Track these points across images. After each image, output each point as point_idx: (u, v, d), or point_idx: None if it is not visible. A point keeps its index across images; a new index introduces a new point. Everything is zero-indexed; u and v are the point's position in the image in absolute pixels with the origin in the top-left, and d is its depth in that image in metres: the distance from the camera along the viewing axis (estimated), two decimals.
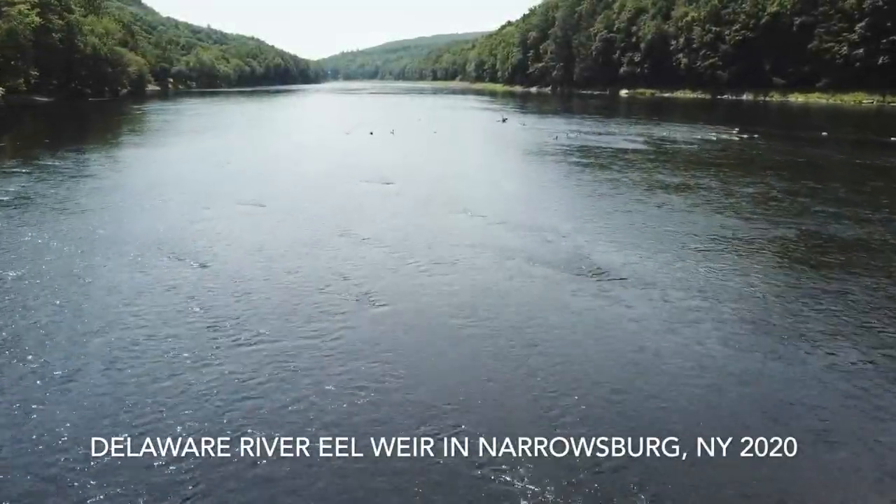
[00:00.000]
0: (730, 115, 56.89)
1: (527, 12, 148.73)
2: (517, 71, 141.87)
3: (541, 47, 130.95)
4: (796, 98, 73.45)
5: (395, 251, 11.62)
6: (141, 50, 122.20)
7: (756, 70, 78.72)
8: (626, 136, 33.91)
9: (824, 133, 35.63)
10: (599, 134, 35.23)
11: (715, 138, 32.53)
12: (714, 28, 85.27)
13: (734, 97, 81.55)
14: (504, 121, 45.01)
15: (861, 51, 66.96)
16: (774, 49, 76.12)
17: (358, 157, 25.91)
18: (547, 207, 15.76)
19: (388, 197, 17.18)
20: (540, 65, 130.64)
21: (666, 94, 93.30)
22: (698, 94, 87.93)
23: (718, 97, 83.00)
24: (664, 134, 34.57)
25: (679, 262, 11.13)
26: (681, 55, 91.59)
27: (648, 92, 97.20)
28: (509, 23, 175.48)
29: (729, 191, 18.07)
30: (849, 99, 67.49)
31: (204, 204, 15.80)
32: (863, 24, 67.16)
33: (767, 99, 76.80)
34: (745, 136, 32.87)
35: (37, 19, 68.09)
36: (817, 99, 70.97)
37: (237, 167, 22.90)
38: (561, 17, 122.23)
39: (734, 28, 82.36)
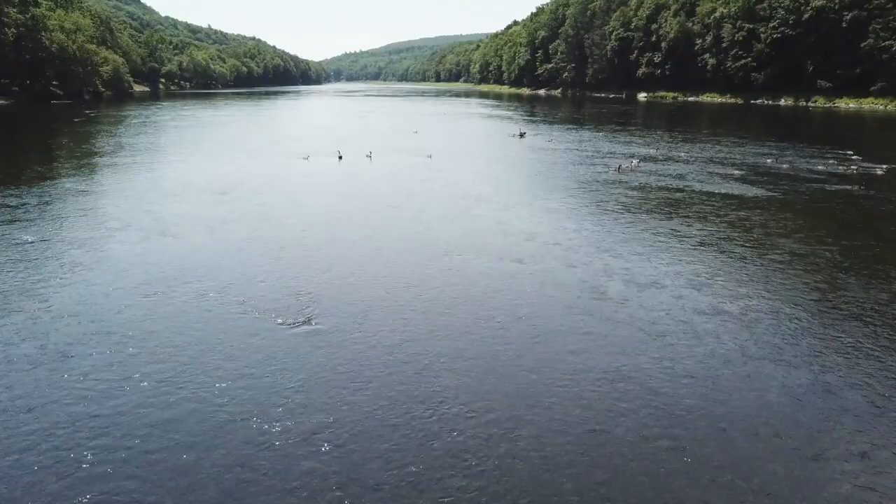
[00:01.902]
0: (796, 126, 47.95)
1: (535, 10, 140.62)
2: (525, 72, 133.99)
3: (550, 47, 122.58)
4: (847, 104, 64.49)
5: None
6: (122, 48, 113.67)
7: (796, 72, 70.24)
8: (707, 164, 24.47)
9: None
10: (661, 161, 25.75)
11: (851, 173, 22.59)
12: (747, 25, 76.62)
13: (770, 102, 73.29)
14: (522, 136, 35.78)
15: None
16: (819, 48, 67.62)
17: (289, 225, 14.92)
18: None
19: (277, 392, 7.09)
20: (549, 66, 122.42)
21: (690, 98, 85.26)
22: (727, 98, 79.67)
23: (752, 102, 74.76)
24: (762, 161, 25.25)
25: None
26: (707, 55, 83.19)
27: (670, 95, 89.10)
28: (515, 22, 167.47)
29: None
30: None
31: None
32: None
33: (811, 105, 68.00)
34: (886, 167, 23.42)
35: None
36: (873, 105, 61.93)
37: (50, 255, 12.27)
38: (572, 14, 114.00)
39: (771, 25, 73.59)
